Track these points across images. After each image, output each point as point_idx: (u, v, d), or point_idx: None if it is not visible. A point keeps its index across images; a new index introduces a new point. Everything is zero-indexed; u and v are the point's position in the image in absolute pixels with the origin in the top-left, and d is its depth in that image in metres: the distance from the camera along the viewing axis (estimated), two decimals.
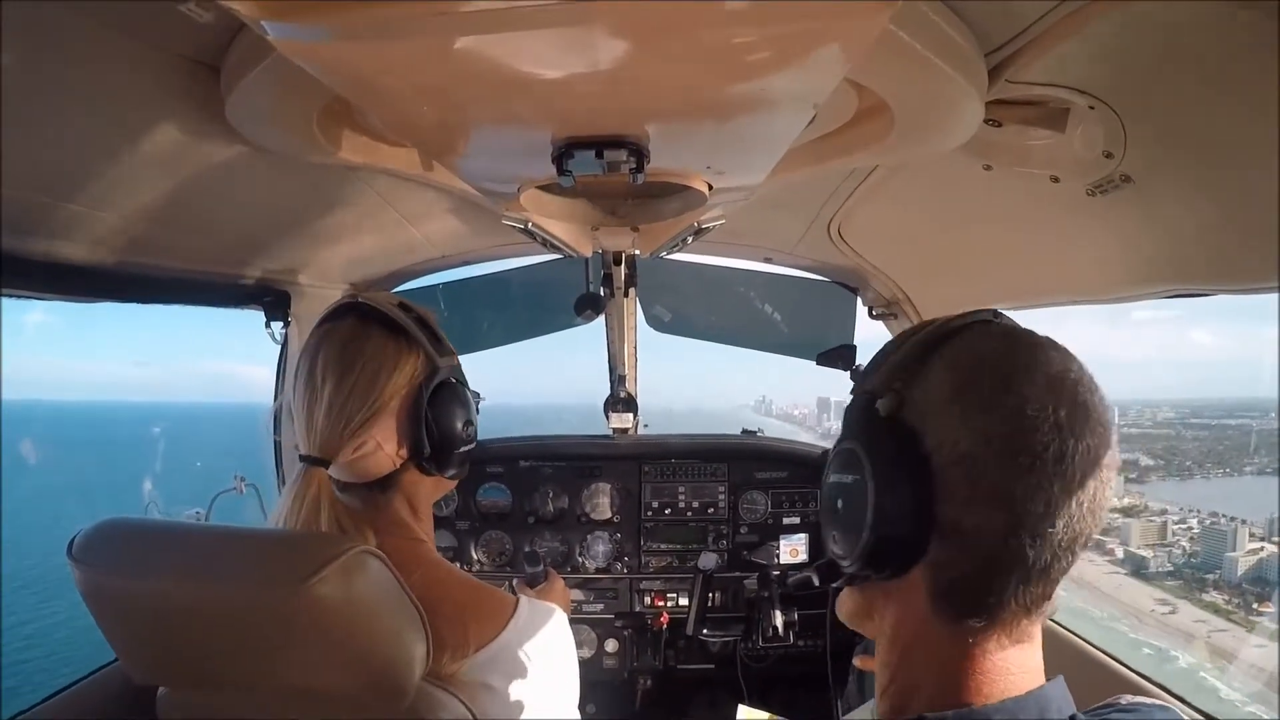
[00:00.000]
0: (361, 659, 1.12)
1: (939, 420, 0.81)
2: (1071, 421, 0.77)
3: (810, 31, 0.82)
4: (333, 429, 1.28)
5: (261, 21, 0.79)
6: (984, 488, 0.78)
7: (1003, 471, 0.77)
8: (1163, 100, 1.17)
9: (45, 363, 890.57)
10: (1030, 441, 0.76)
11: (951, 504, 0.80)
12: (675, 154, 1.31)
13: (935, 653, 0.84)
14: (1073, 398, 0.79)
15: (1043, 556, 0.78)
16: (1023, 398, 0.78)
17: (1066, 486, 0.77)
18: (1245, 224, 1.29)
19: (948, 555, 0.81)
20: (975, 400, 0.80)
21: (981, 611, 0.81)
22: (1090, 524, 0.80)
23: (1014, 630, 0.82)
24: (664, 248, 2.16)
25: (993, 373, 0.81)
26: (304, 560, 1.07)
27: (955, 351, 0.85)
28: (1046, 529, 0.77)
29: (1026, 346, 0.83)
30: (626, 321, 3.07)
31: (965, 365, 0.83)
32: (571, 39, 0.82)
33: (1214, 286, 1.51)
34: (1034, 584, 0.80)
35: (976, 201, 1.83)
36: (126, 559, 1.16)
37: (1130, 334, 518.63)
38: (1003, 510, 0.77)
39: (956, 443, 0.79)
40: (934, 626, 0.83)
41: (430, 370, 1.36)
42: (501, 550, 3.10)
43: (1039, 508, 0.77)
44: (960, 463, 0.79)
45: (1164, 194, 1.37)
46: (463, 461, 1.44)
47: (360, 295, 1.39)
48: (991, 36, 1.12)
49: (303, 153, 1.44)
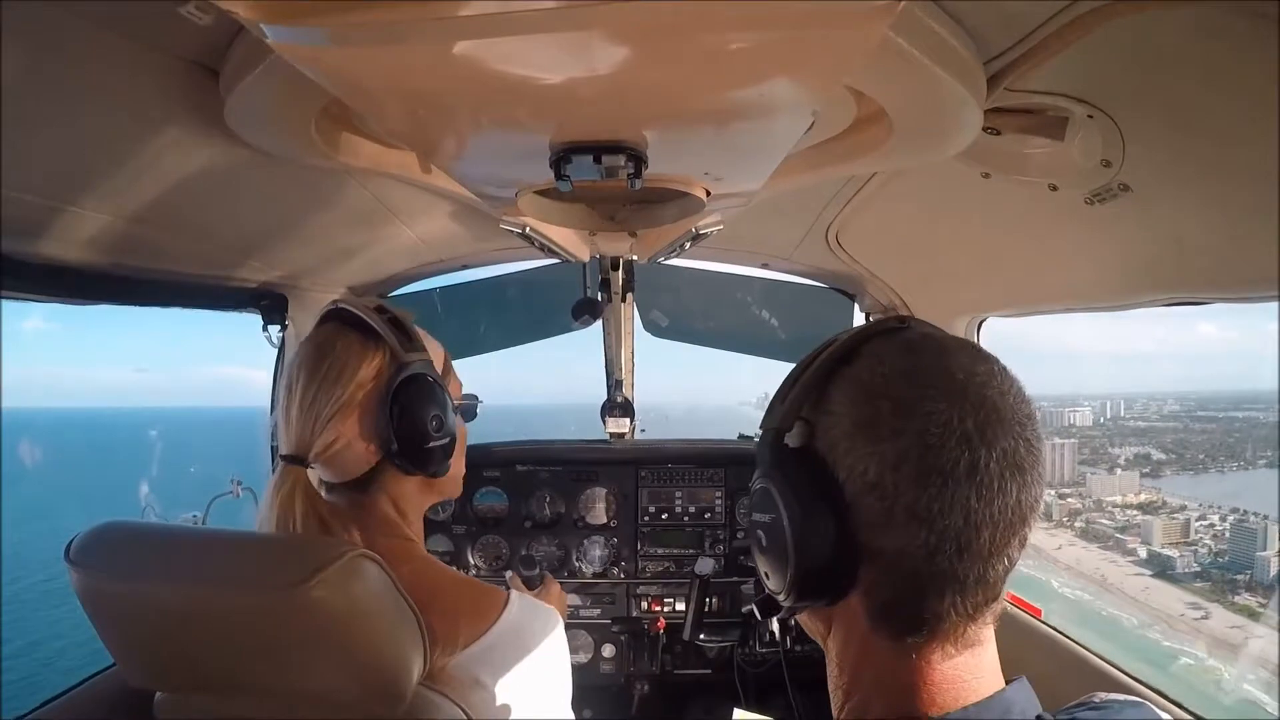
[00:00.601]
0: (358, 662, 1.12)
1: (845, 449, 0.81)
2: (982, 429, 0.76)
3: (809, 38, 0.82)
4: (304, 426, 1.31)
5: (261, 24, 0.79)
6: (900, 511, 0.77)
7: (916, 493, 0.76)
8: (1161, 109, 1.18)
9: (44, 371, 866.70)
10: (938, 460, 0.76)
11: (871, 530, 0.79)
12: (674, 160, 1.31)
13: (883, 670, 0.84)
14: (980, 403, 0.78)
15: (974, 568, 0.78)
16: (925, 416, 0.77)
17: (984, 496, 0.76)
18: (1243, 232, 1.30)
19: (876, 578, 0.81)
20: (876, 426, 0.79)
21: (919, 628, 0.80)
22: (1019, 526, 0.79)
23: (960, 639, 0.81)
24: (662, 253, 2.17)
25: (892, 395, 0.80)
26: (301, 564, 1.07)
27: (856, 373, 0.84)
28: (970, 541, 0.77)
29: (929, 356, 0.82)
30: (624, 327, 3.07)
31: (865, 389, 0.82)
32: (570, 44, 0.82)
33: (1212, 294, 1.51)
34: (970, 593, 0.79)
35: (974, 209, 1.83)
36: (124, 562, 1.16)
37: (1137, 328, 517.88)
38: (922, 530, 0.77)
39: (865, 471, 0.79)
40: (878, 645, 0.83)
41: (397, 366, 1.37)
42: (498, 555, 3.09)
43: (959, 522, 0.76)
44: (872, 490, 0.78)
45: (1162, 202, 1.37)
46: (440, 459, 1.44)
47: (342, 302, 1.40)
48: (991, 44, 1.12)
49: (301, 156, 1.44)
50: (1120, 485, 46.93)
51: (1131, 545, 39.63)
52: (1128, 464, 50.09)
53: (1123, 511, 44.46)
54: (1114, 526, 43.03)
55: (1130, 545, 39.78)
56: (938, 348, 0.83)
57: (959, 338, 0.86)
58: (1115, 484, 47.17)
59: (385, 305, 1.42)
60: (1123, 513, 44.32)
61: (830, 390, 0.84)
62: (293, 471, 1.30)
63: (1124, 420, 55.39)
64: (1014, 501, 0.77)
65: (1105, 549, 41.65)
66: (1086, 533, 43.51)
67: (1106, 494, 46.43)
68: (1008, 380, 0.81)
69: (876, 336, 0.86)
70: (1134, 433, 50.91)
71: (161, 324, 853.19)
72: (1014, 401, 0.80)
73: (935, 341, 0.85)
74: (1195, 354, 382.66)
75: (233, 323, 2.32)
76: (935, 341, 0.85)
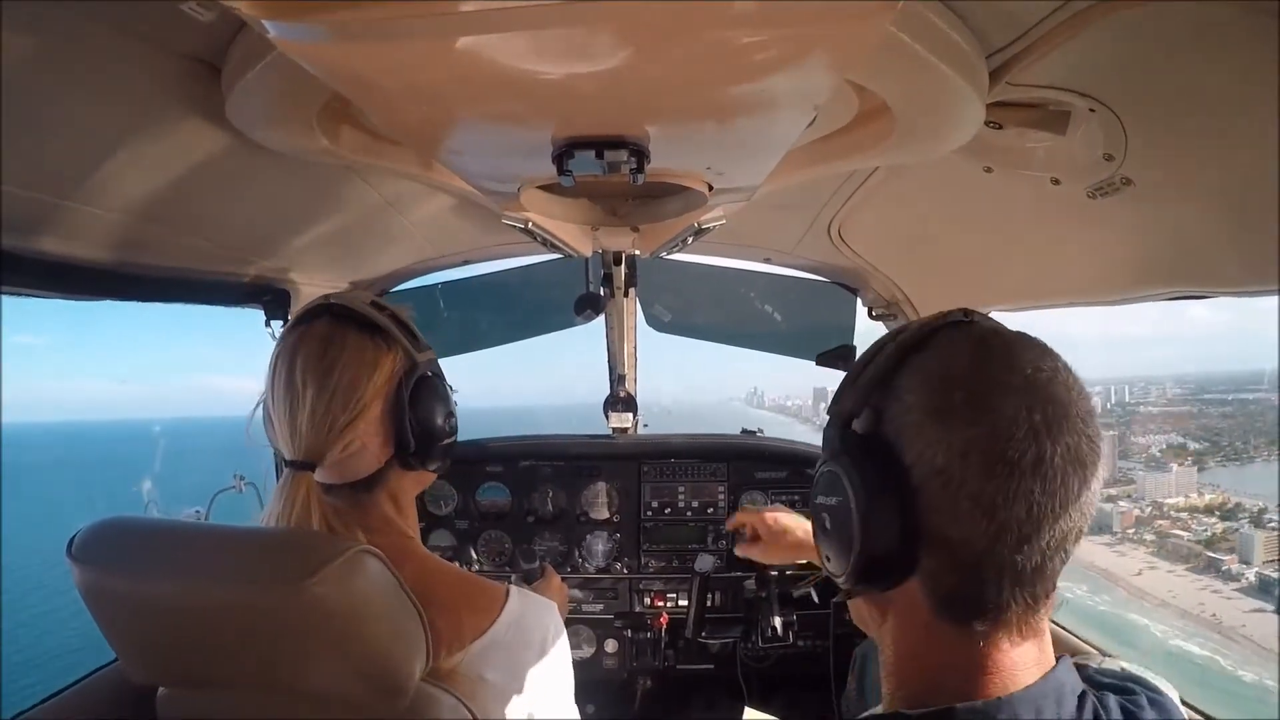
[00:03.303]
0: (360, 658, 1.12)
1: (914, 435, 0.82)
2: (1048, 423, 0.78)
3: (812, 33, 0.82)
4: (318, 433, 1.28)
5: (262, 20, 0.79)
6: (965, 499, 0.79)
7: (982, 482, 0.78)
8: (1163, 103, 1.17)
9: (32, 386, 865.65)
10: (1007, 450, 0.77)
11: (936, 516, 0.81)
12: (676, 154, 1.31)
13: (947, 656, 0.85)
14: (1048, 397, 0.79)
15: (1032, 559, 0.79)
16: (995, 407, 0.78)
17: (1048, 489, 0.77)
18: (1245, 226, 1.30)
19: (939, 565, 0.83)
20: (948, 414, 0.81)
21: (984, 616, 0.82)
22: (1079, 520, 0.80)
23: (1023, 628, 0.83)
24: (664, 248, 2.17)
25: (963, 384, 0.81)
26: (304, 559, 1.07)
27: (925, 362, 0.86)
28: (1032, 533, 0.78)
29: (999, 350, 0.84)
30: (626, 321, 3.07)
31: (936, 377, 0.84)
32: (572, 39, 0.82)
33: (1214, 288, 1.51)
34: (1029, 585, 0.81)
35: (977, 203, 1.83)
36: (126, 558, 1.16)
37: (1129, 311, 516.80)
38: (986, 519, 0.78)
39: (934, 457, 0.80)
40: (941, 631, 0.85)
41: (409, 367, 1.37)
42: (500, 550, 3.10)
43: (1021, 514, 0.77)
44: (939, 476, 0.80)
45: (1164, 196, 1.37)
46: (445, 454, 1.45)
47: (333, 296, 1.39)
48: (992, 39, 1.12)
49: (303, 151, 1.44)
50: (1176, 484, 39.18)
51: (1229, 566, 32.07)
52: (1164, 456, 42.01)
53: (1193, 518, 36.36)
54: (1194, 540, 34.56)
55: (1227, 566, 32.14)
56: (1005, 341, 0.85)
57: (1023, 333, 0.87)
58: (1170, 482, 39.52)
59: (380, 301, 1.41)
60: (1194, 519, 36.14)
61: (900, 377, 0.86)
62: (304, 478, 1.28)
63: (1132, 406, 49.23)
64: (1075, 495, 0.79)
65: (1197, 572, 33.00)
66: (1162, 548, 35.21)
67: (1163, 495, 38.72)
68: (1071, 377, 0.82)
69: (945, 328, 0.88)
70: (1149, 419, 45.09)
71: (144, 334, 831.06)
72: (1077, 397, 0.81)
73: (1001, 334, 0.86)
74: (1190, 337, 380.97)
75: (216, 333, 2.30)
76: (1001, 334, 0.86)
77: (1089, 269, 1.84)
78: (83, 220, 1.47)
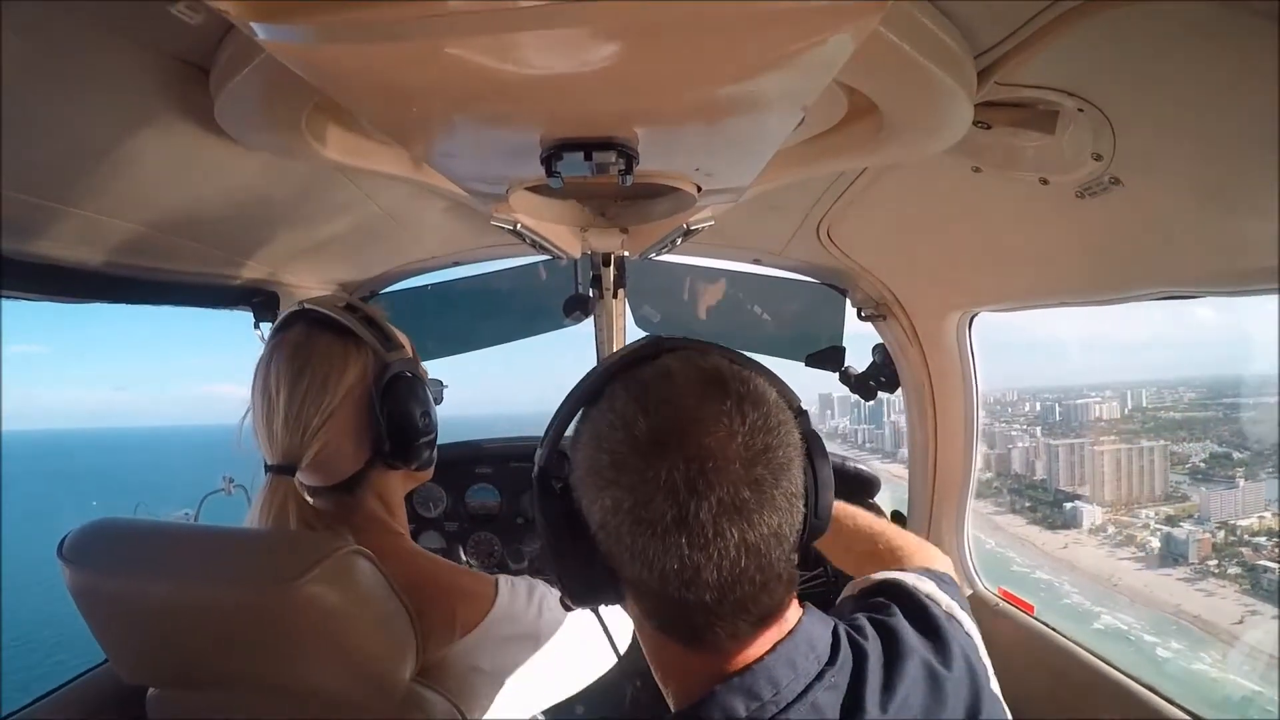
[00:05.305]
0: (350, 658, 1.13)
1: (583, 489, 0.88)
2: (693, 481, 0.79)
3: (800, 33, 0.82)
4: (292, 436, 1.30)
5: (250, 23, 0.78)
6: (624, 551, 0.83)
7: (632, 539, 0.81)
8: (1152, 103, 1.18)
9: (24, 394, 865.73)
10: (646, 513, 0.80)
11: (613, 560, 0.86)
12: (664, 156, 1.31)
13: (681, 661, 0.90)
14: (698, 452, 0.80)
15: (708, 594, 0.81)
16: (635, 471, 0.81)
17: (697, 543, 0.79)
18: (1234, 225, 1.30)
19: (635, 596, 0.89)
20: (597, 474, 0.85)
21: (694, 640, 0.86)
22: (759, 553, 0.82)
23: (746, 631, 0.86)
24: (653, 249, 2.17)
25: (610, 445, 0.85)
26: (294, 560, 1.08)
27: (593, 415, 0.90)
28: (693, 579, 0.80)
29: (657, 401, 0.85)
30: (616, 323, 3.06)
31: (594, 437, 0.87)
32: (560, 41, 0.82)
33: (1203, 288, 1.52)
34: (725, 612, 0.84)
35: (965, 203, 1.84)
36: (117, 559, 1.16)
37: (1134, 313, 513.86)
38: (645, 569, 0.82)
39: (597, 512, 0.85)
40: (667, 644, 0.90)
41: (380, 366, 1.37)
42: (490, 552, 3.09)
43: (674, 565, 0.80)
44: (603, 530, 0.85)
45: (1153, 196, 1.38)
46: (425, 453, 1.45)
47: (306, 302, 1.40)
48: (981, 38, 1.12)
49: (291, 153, 1.43)
50: (1243, 502, 31.16)
51: None
52: (1209, 467, 33.77)
53: (1275, 543, 29.51)
54: None
55: None
56: (670, 389, 0.86)
57: (705, 368, 0.89)
58: (1238, 500, 31.48)
59: (354, 303, 1.43)
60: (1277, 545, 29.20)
61: (580, 428, 0.92)
62: (283, 482, 1.29)
63: (1151, 411, 41.54)
64: (737, 542, 0.80)
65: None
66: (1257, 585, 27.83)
67: (1229, 513, 31.37)
68: (738, 419, 0.83)
69: (623, 371, 0.91)
70: (1173, 425, 38.77)
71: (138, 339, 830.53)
72: (742, 442, 0.82)
73: (671, 381, 0.87)
74: (1193, 340, 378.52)
75: (205, 339, 2.30)
76: (671, 381, 0.87)
77: (1078, 268, 1.84)
78: (72, 222, 1.46)
